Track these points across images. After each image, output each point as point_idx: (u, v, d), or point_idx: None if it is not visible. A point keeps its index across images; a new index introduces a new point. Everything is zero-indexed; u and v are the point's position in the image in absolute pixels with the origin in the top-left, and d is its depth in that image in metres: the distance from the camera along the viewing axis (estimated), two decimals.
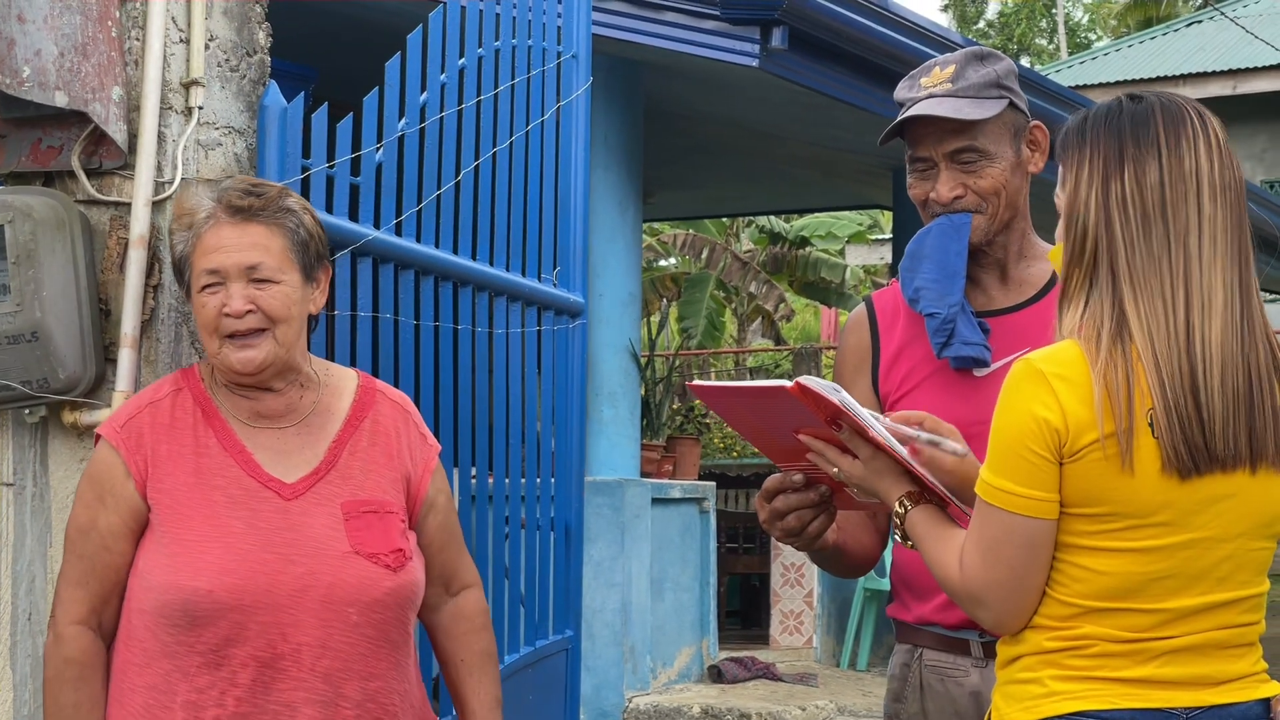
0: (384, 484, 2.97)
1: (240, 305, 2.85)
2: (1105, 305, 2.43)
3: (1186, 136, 2.47)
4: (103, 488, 2.88)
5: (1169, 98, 2.53)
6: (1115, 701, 2.44)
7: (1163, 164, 2.46)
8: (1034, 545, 2.43)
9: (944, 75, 3.04)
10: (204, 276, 2.86)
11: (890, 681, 3.15)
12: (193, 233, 2.89)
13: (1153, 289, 2.41)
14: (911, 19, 9.59)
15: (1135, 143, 2.47)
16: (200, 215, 2.89)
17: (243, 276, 2.86)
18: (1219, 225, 2.45)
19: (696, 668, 10.24)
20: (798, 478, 2.76)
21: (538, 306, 4.71)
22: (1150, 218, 2.44)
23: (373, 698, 2.89)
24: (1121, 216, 2.45)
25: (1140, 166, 2.46)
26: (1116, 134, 2.49)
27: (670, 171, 12.80)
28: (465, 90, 4.23)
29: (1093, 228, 2.47)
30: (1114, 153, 2.48)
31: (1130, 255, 2.43)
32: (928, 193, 3.07)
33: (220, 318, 2.85)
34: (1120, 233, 2.44)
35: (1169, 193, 2.44)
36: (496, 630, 4.34)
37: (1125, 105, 2.52)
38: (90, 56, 3.13)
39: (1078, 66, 26.38)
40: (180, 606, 2.79)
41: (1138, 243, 2.43)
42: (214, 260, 2.86)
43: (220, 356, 2.87)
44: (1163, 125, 2.48)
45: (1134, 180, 2.46)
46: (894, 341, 3.14)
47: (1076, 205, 2.50)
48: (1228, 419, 2.40)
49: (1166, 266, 2.42)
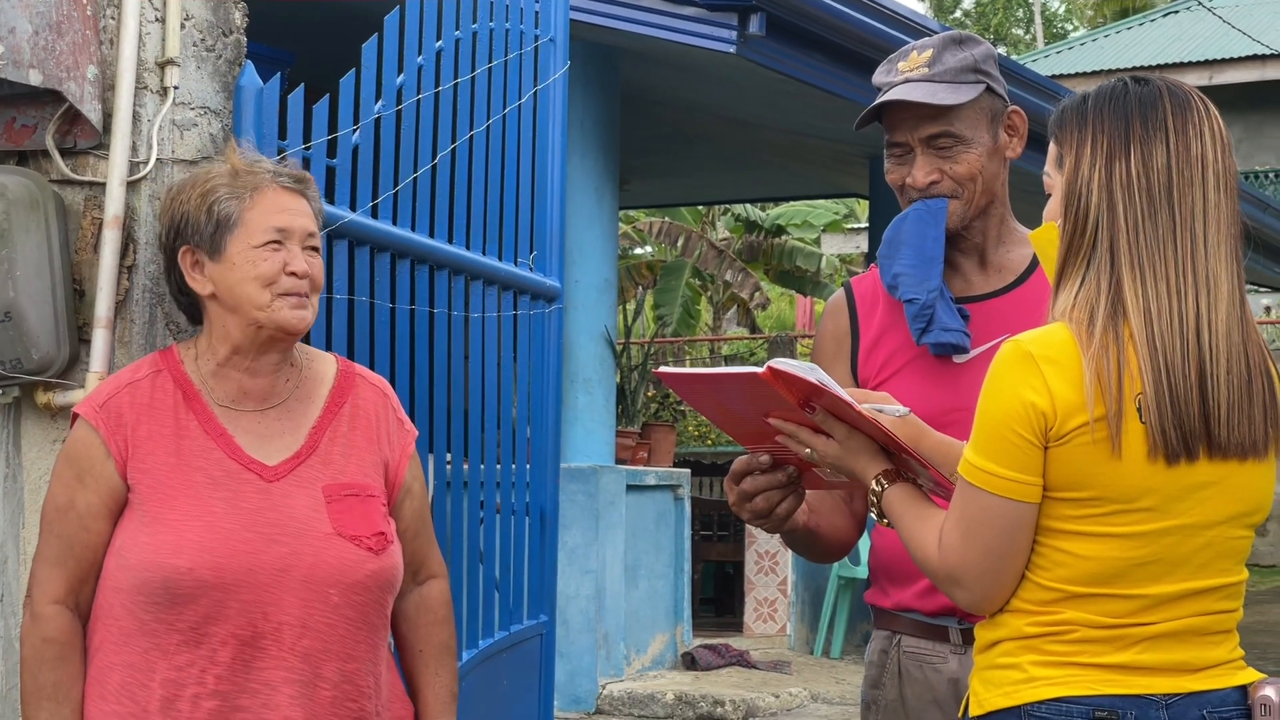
0: (365, 467, 2.97)
1: (304, 266, 2.89)
2: (1102, 287, 2.42)
3: (1193, 122, 2.46)
4: (81, 467, 2.87)
5: (1175, 82, 2.52)
6: (1095, 687, 2.43)
7: (1170, 148, 2.44)
8: (1015, 528, 2.42)
9: (921, 60, 3.03)
10: (271, 233, 2.88)
11: (868, 668, 3.14)
12: (250, 191, 2.89)
13: (1156, 273, 2.40)
14: (889, 6, 9.59)
15: (1143, 124, 2.45)
16: (262, 177, 2.92)
17: (302, 241, 2.91)
18: (1224, 213, 2.44)
19: (670, 655, 10.24)
20: (764, 459, 2.74)
21: (514, 291, 4.70)
22: (1156, 201, 2.42)
23: (349, 679, 2.89)
24: (1125, 198, 2.43)
25: (1148, 149, 2.44)
26: (1123, 115, 2.47)
27: (646, 159, 12.80)
28: (442, 73, 4.22)
29: (1094, 208, 2.45)
30: (1120, 134, 2.46)
31: (1133, 238, 2.41)
32: (904, 178, 3.06)
33: (282, 275, 2.87)
34: (1123, 214, 2.43)
35: (1176, 177, 2.43)
36: (471, 615, 4.34)
37: (1131, 87, 2.50)
38: (65, 35, 3.10)
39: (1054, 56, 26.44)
40: (161, 584, 2.78)
41: (1141, 225, 2.42)
42: (282, 219, 2.90)
43: (270, 311, 2.87)
44: (1171, 109, 2.47)
45: (1140, 162, 2.44)
46: (873, 327, 3.13)
47: (1078, 185, 2.47)
48: (1233, 407, 2.39)
49: (1172, 251, 2.41)
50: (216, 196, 2.89)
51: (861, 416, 2.57)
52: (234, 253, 2.87)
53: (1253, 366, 2.42)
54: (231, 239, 2.88)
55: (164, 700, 2.80)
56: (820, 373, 2.54)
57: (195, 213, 2.90)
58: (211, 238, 2.89)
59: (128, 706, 2.82)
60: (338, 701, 2.87)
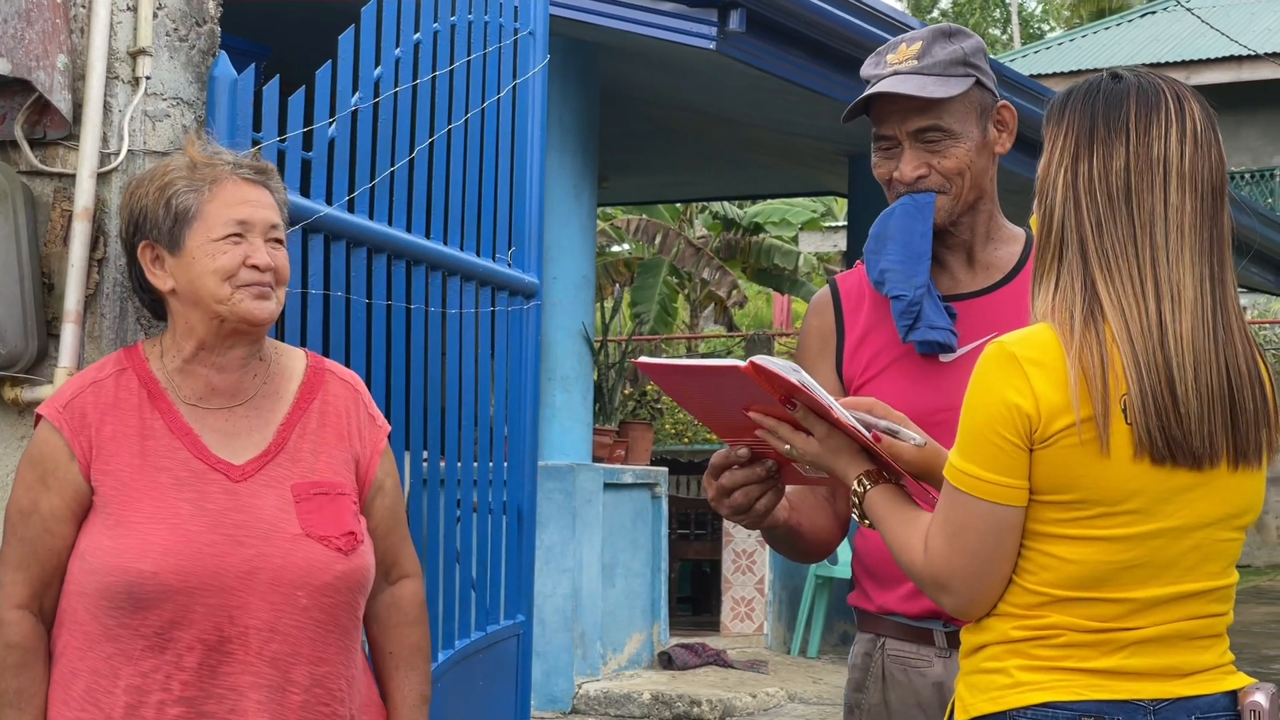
0: (335, 465, 2.92)
1: (266, 259, 2.84)
2: (1076, 286, 2.38)
3: (1158, 122, 2.41)
4: (45, 469, 2.82)
5: (1150, 79, 2.47)
6: (1082, 693, 2.40)
7: (1129, 149, 2.40)
8: (1001, 532, 2.39)
9: (910, 52, 2.99)
10: (231, 225, 2.82)
11: (851, 671, 3.10)
12: (208, 184, 2.84)
13: (1122, 275, 2.37)
14: (869, 3, 9.58)
15: (1106, 125, 2.42)
16: (221, 169, 2.86)
17: (264, 233, 2.85)
18: (1186, 217, 2.39)
19: (647, 654, 10.22)
20: (742, 452, 2.70)
21: (492, 287, 4.65)
22: (1115, 203, 2.39)
23: (320, 682, 2.84)
24: (1088, 199, 2.40)
25: (1108, 149, 2.41)
26: (1090, 114, 2.44)
27: (625, 156, 12.77)
28: (420, 65, 4.17)
29: (1059, 206, 2.42)
30: (1085, 133, 2.43)
31: (1096, 239, 2.38)
32: (891, 172, 3.02)
33: (242, 268, 2.81)
34: (1087, 214, 2.39)
35: (1134, 179, 2.39)
36: (448, 615, 4.29)
37: (1104, 84, 2.46)
38: (34, 23, 3.05)
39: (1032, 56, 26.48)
40: (124, 589, 2.73)
41: (1104, 227, 2.38)
42: (242, 211, 2.84)
43: (231, 304, 2.81)
44: (1135, 109, 2.42)
45: (1101, 163, 2.40)
46: (859, 325, 3.09)
47: (1045, 183, 2.45)
48: (1204, 417, 2.35)
49: (1133, 255, 2.37)
50: (174, 190, 2.84)
51: (839, 422, 2.52)
52: (193, 246, 2.82)
53: (1234, 375, 2.37)
54: (190, 233, 2.82)
55: (129, 706, 2.76)
56: (803, 374, 2.50)
57: (153, 207, 2.85)
58: (170, 232, 2.83)
59: (92, 713, 2.77)
60: (309, 706, 2.82)
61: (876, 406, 2.60)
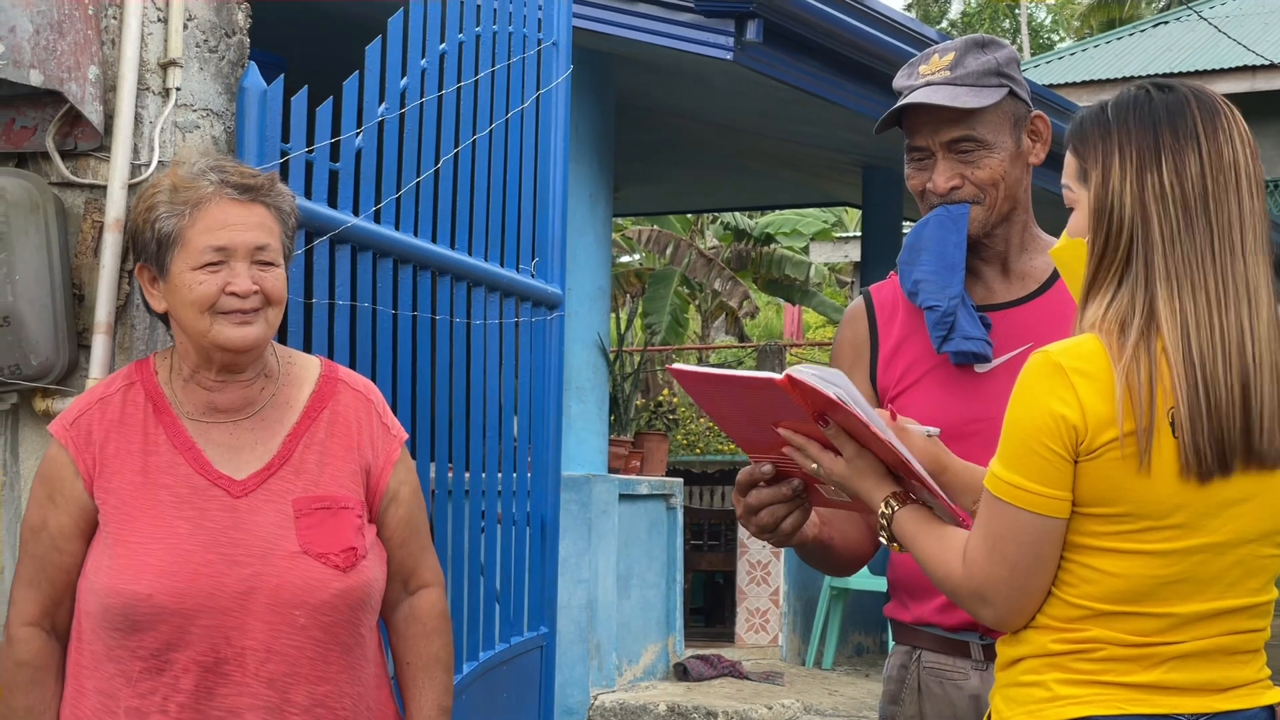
0: (341, 478, 2.87)
1: (248, 285, 2.77)
2: (1137, 300, 2.36)
3: (1223, 128, 2.41)
4: (52, 486, 2.81)
5: (1198, 88, 2.46)
6: (1121, 707, 2.39)
7: (1203, 155, 2.39)
8: (1043, 543, 2.37)
9: (943, 63, 2.98)
10: (208, 253, 2.77)
11: (887, 683, 3.09)
12: (190, 208, 2.79)
13: (1195, 285, 2.34)
14: (887, 14, 9.57)
15: (1173, 133, 2.40)
16: (204, 190, 2.79)
17: (248, 257, 2.79)
18: (1259, 219, 2.40)
19: (662, 665, 10.19)
20: (766, 469, 2.68)
21: (516, 297, 4.65)
22: (1192, 211, 2.37)
23: (321, 702, 2.81)
24: (1160, 209, 2.37)
25: (1180, 157, 2.38)
26: (1151, 124, 2.41)
27: (637, 166, 12.76)
28: (445, 76, 4.17)
29: (1128, 222, 2.39)
30: (1149, 143, 2.40)
31: (1168, 249, 2.36)
32: (925, 183, 3.01)
33: (221, 296, 2.76)
34: (1158, 226, 2.37)
35: (1211, 185, 2.38)
36: (472, 627, 4.28)
37: (1155, 94, 2.44)
38: (66, 34, 3.05)
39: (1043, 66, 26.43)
40: (121, 610, 2.71)
41: (1178, 237, 2.36)
42: (222, 237, 2.77)
43: (213, 334, 2.77)
44: (1200, 115, 2.41)
45: (1173, 172, 2.38)
46: (893, 335, 3.07)
47: (1109, 198, 2.41)
48: (1275, 417, 2.34)
49: (1211, 262, 2.35)
50: (157, 214, 2.80)
51: (875, 438, 2.50)
52: (175, 273, 2.79)
53: None
54: (173, 258, 2.79)
55: None
56: (841, 386, 2.47)
57: (142, 229, 2.83)
58: (157, 256, 2.81)
59: None
60: None
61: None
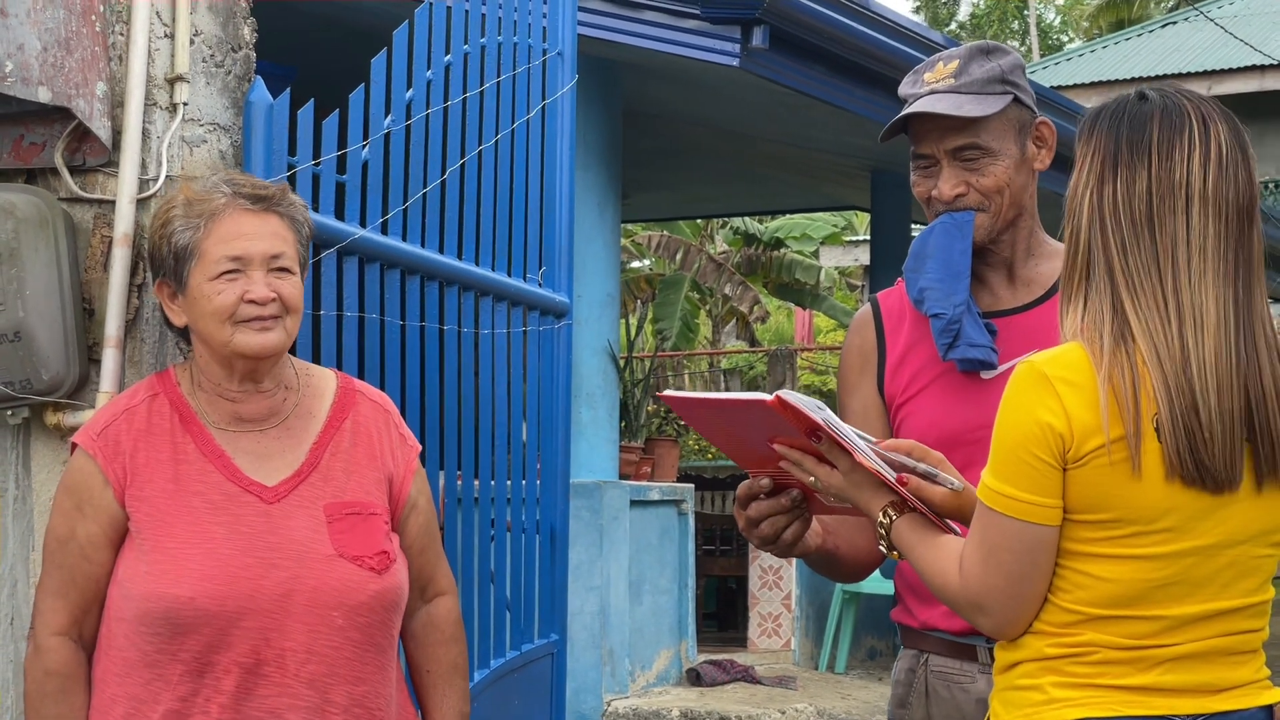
0: (367, 485, 2.93)
1: (266, 292, 2.82)
2: (1105, 307, 2.39)
3: (1181, 145, 2.42)
4: (80, 497, 2.84)
5: (1176, 100, 2.47)
6: (1117, 709, 2.41)
7: (1151, 174, 2.41)
8: (1036, 551, 2.40)
9: (947, 71, 2.99)
10: (224, 263, 2.82)
11: (894, 687, 3.11)
12: (204, 220, 2.83)
13: (1147, 298, 2.37)
14: (892, 18, 9.58)
15: (1130, 148, 2.43)
16: (218, 202, 2.84)
17: (264, 265, 2.84)
18: (1210, 240, 2.39)
19: (675, 671, 10.20)
20: (765, 482, 2.71)
21: (524, 307, 4.67)
22: (1138, 227, 2.40)
23: (359, 702, 2.86)
24: (1113, 222, 2.41)
25: (1131, 173, 2.42)
26: (1115, 136, 2.45)
27: (646, 173, 12.78)
28: (451, 87, 4.19)
29: (1085, 229, 2.44)
30: (1110, 155, 2.44)
31: (1124, 261, 2.40)
32: (930, 190, 3.03)
33: (240, 304, 2.81)
34: (1112, 237, 2.41)
35: (1157, 204, 2.40)
36: (483, 634, 4.31)
37: (1129, 105, 2.48)
38: (74, 51, 3.08)
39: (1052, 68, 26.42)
40: (162, 615, 2.75)
41: (1129, 249, 2.40)
42: (237, 247, 2.83)
43: (234, 343, 2.82)
44: (1159, 132, 2.43)
45: (1125, 187, 2.42)
46: (900, 343, 3.09)
47: (1073, 204, 2.47)
48: (1226, 440, 2.35)
49: (1157, 278, 2.38)
50: (172, 229, 2.85)
51: (862, 464, 2.52)
52: (194, 285, 2.84)
53: (1255, 397, 2.37)
54: (191, 271, 2.84)
55: None
56: (828, 413, 2.52)
57: (158, 246, 2.88)
58: (175, 270, 2.86)
59: None
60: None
61: (915, 449, 2.59)
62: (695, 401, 2.67)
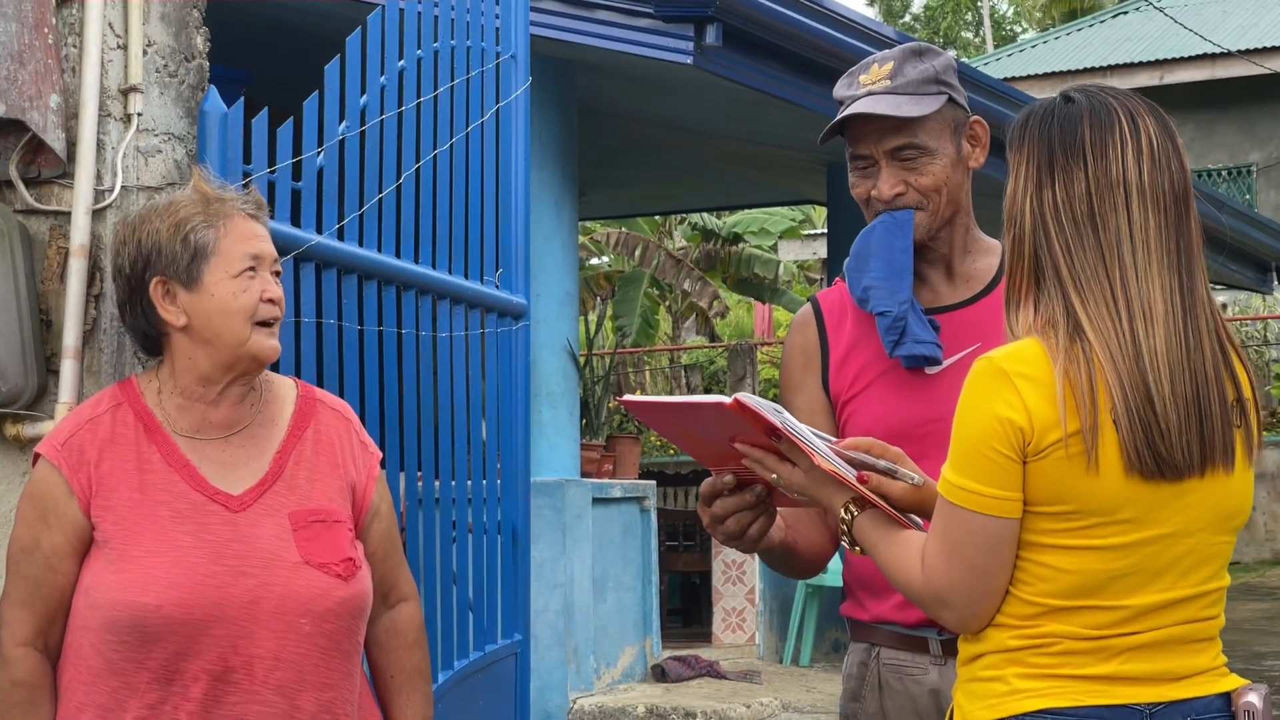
0: (330, 493, 2.94)
1: (279, 291, 2.89)
2: (1056, 306, 2.43)
3: (1114, 143, 2.46)
4: (45, 507, 2.84)
5: (1101, 99, 2.51)
6: (1079, 699, 2.43)
7: (1089, 174, 2.45)
8: (998, 544, 2.42)
9: (882, 72, 3.03)
10: (246, 259, 2.86)
11: (847, 681, 3.13)
12: (222, 220, 2.87)
13: (1096, 296, 2.41)
14: (845, 14, 9.60)
15: (1064, 151, 2.46)
16: (230, 204, 2.89)
17: (269, 267, 2.90)
18: (1151, 233, 2.43)
19: (640, 667, 10.23)
20: (728, 479, 2.73)
21: (481, 309, 4.69)
22: (1081, 228, 2.43)
23: (327, 708, 2.87)
24: (1055, 225, 2.45)
25: (1068, 176, 2.45)
26: (1047, 140, 2.48)
27: (603, 170, 12.79)
28: (405, 92, 4.20)
29: (1029, 233, 2.47)
30: (1045, 160, 2.48)
31: (1069, 261, 2.43)
32: (869, 191, 3.06)
33: (260, 304, 2.85)
34: (1056, 239, 2.44)
35: (1097, 203, 2.43)
36: (446, 636, 4.32)
37: (1058, 109, 2.51)
38: (27, 64, 3.08)
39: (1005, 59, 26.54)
40: (129, 623, 2.75)
41: (1075, 251, 2.43)
42: (255, 246, 2.88)
43: (251, 344, 2.86)
44: (1089, 132, 2.47)
45: (1064, 190, 2.45)
46: (843, 341, 3.12)
47: (1014, 209, 2.50)
48: (1182, 429, 2.39)
49: (1104, 276, 2.41)
50: (191, 225, 2.86)
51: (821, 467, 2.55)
52: (211, 282, 2.84)
53: (1202, 381, 2.41)
54: (208, 268, 2.85)
55: None
56: (786, 415, 2.54)
57: (168, 242, 2.86)
58: (188, 267, 2.85)
59: None
60: None
61: (875, 446, 2.61)
62: (655, 406, 2.70)
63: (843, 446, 2.60)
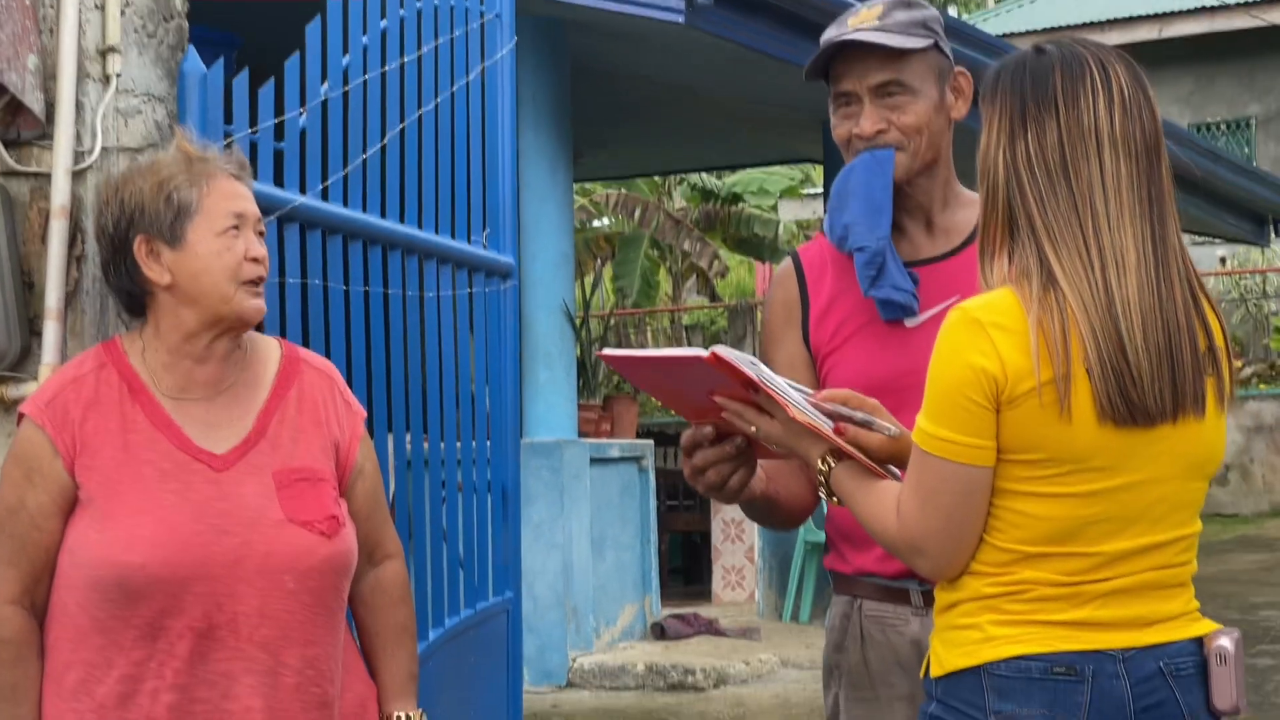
0: (314, 451, 2.96)
1: (263, 250, 2.89)
2: (1030, 256, 2.44)
3: (1085, 93, 2.47)
4: (30, 466, 2.85)
5: (1071, 49, 2.52)
6: (1053, 644, 2.45)
7: (1060, 123, 2.46)
8: (972, 492, 2.44)
9: (871, 15, 3.03)
10: (230, 218, 2.87)
11: (830, 633, 3.15)
12: (205, 179, 2.88)
13: (1069, 246, 2.42)
14: None
15: (1036, 102, 2.48)
16: (213, 163, 2.90)
17: (253, 227, 2.91)
18: (1124, 181, 2.45)
19: (640, 626, 10.27)
20: (708, 430, 2.74)
21: (468, 269, 4.69)
22: (1054, 177, 2.45)
23: (311, 664, 2.89)
24: (1029, 175, 2.46)
25: (1040, 126, 2.47)
26: (1019, 92, 2.50)
27: (600, 131, 12.78)
28: (388, 52, 4.20)
29: (1003, 184, 2.49)
30: (1017, 111, 2.49)
31: (1042, 212, 2.44)
32: (851, 130, 3.06)
33: (245, 263, 2.87)
34: (1029, 190, 2.46)
35: (1069, 152, 2.45)
36: (436, 594, 4.34)
37: (1029, 60, 2.53)
38: (4, 25, 3.08)
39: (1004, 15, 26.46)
40: (114, 581, 2.77)
41: (1048, 201, 2.44)
42: (238, 205, 2.89)
43: (234, 303, 2.86)
44: (1061, 82, 2.48)
45: (1036, 140, 2.47)
46: (823, 294, 3.13)
47: (987, 161, 2.51)
48: (1154, 376, 2.41)
49: (1077, 225, 2.43)
50: (175, 184, 2.86)
51: (796, 419, 2.56)
52: (195, 240, 2.85)
53: (1176, 328, 2.43)
54: (192, 226, 2.85)
55: (122, 696, 2.80)
56: (761, 368, 2.55)
57: (152, 201, 2.87)
58: (171, 226, 2.86)
59: (85, 703, 2.81)
60: (301, 687, 2.87)
61: (852, 399, 2.62)
62: (634, 360, 2.71)
63: (820, 398, 2.61)
